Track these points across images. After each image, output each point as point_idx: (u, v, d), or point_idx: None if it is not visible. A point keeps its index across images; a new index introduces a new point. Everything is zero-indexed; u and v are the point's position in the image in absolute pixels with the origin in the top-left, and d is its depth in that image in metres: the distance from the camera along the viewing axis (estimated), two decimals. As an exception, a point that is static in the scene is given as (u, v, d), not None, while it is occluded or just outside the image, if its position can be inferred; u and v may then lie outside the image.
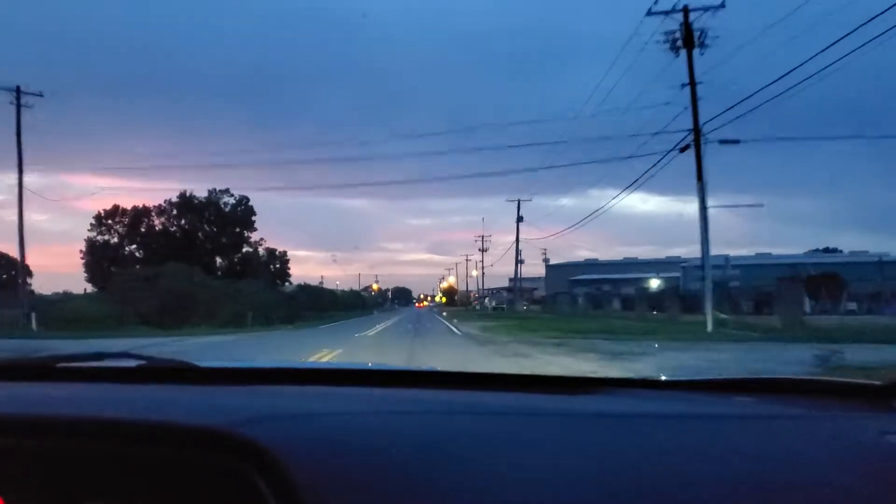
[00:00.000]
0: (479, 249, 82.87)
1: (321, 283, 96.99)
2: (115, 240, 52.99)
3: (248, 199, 54.04)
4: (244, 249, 54.66)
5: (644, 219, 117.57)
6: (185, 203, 52.03)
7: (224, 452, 0.82)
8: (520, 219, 54.34)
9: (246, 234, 54.35)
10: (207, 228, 52.40)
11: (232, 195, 53.45)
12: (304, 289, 67.23)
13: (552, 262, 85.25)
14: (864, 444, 0.90)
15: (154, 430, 0.87)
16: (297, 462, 0.76)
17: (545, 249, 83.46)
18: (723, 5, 20.44)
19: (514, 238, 55.60)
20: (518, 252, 55.07)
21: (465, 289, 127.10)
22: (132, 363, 1.35)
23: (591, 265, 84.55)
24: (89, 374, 1.33)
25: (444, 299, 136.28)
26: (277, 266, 58.19)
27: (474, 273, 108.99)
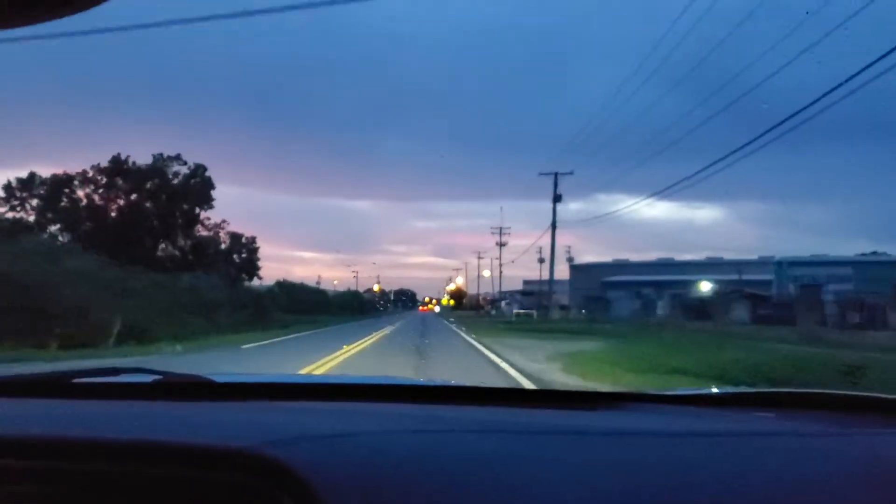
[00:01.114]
0: (497, 243, 70.08)
1: (318, 283, 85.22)
2: (33, 218, 40.45)
3: (205, 169, 41.31)
4: (199, 233, 41.87)
5: (645, 225, 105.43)
6: (118, 169, 39.14)
7: (251, 473, 0.82)
8: (557, 198, 41.19)
9: (200, 213, 41.54)
10: (150, 205, 39.66)
11: (184, 163, 40.80)
12: (283, 286, 54.65)
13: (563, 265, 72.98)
14: (885, 461, 0.90)
15: (179, 451, 0.88)
16: (325, 484, 0.76)
17: (569, 247, 71.46)
18: None
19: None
20: (553, 243, 42.01)
21: (474, 291, 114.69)
22: (148, 378, 1.32)
23: (621, 266, 73.21)
24: (105, 391, 1.32)
25: (451, 302, 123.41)
26: (244, 256, 45.34)
27: (485, 274, 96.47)
